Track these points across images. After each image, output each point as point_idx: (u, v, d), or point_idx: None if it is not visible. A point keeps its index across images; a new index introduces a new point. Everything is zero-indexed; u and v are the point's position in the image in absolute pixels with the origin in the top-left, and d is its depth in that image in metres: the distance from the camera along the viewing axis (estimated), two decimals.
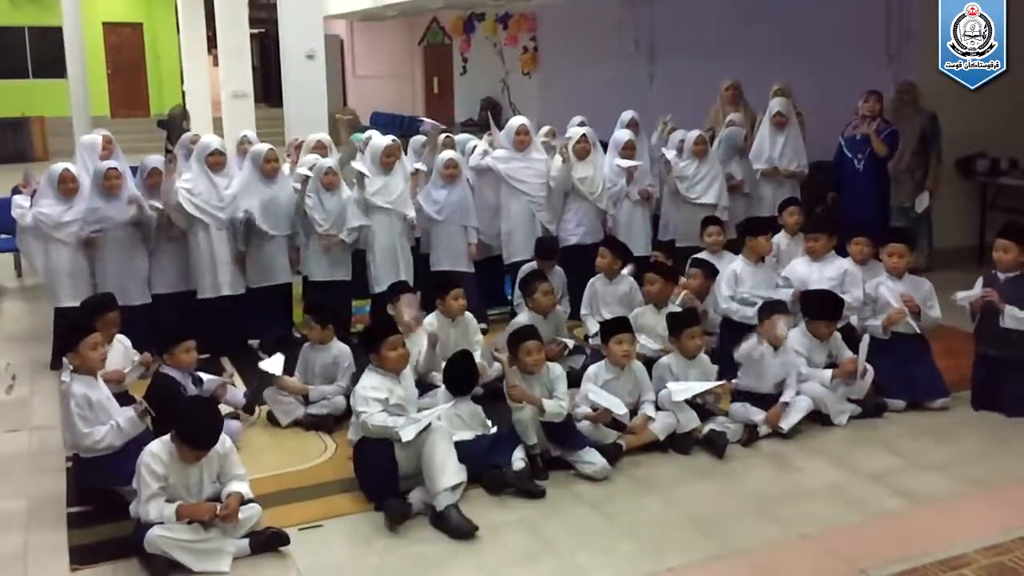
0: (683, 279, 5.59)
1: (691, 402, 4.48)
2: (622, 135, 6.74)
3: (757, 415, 4.55)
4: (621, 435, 4.33)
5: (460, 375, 4.27)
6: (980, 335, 4.79)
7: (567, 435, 4.20)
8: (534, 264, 5.95)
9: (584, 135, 6.54)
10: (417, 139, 7.18)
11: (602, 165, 6.60)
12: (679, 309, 5.18)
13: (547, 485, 4.01)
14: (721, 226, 6.08)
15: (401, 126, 14.18)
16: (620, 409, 4.26)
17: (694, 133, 6.84)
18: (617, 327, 4.54)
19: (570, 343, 5.26)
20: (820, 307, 4.91)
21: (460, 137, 7.34)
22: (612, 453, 4.23)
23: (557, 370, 4.36)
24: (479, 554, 3.53)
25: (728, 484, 4.09)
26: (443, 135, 7.04)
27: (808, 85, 7.91)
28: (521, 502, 3.89)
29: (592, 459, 4.12)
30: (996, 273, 4.71)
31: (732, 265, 5.56)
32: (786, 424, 4.52)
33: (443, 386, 4.34)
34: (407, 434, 3.78)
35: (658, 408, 4.50)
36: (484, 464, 3.99)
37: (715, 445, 4.36)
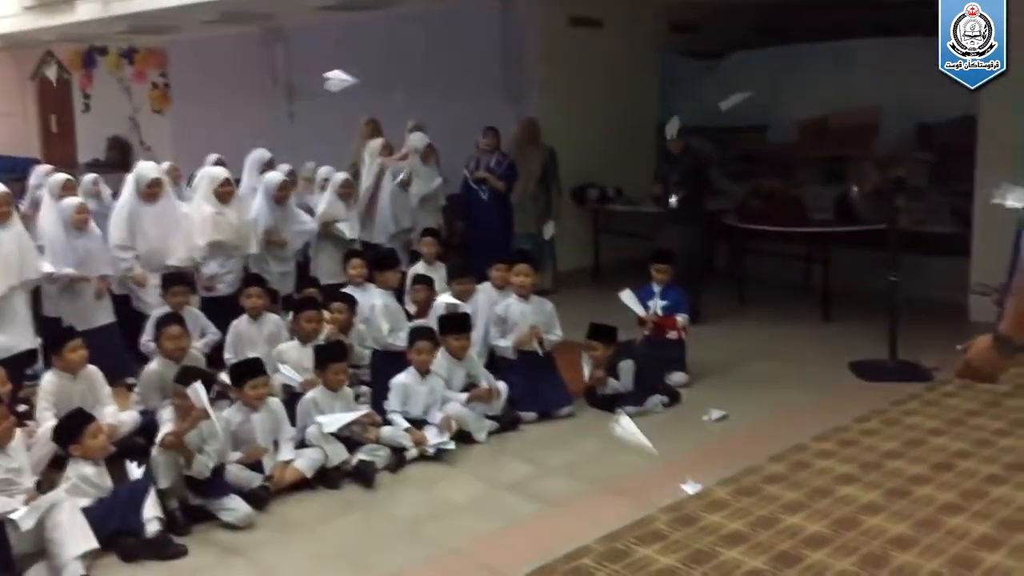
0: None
1: (339, 435, 4.52)
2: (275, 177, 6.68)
3: (405, 438, 4.68)
4: (266, 478, 4.25)
5: (67, 436, 3.92)
6: None
7: (208, 483, 4.03)
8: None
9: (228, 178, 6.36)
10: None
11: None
12: (324, 343, 5.21)
13: (189, 540, 3.81)
14: (364, 260, 6.23)
15: (15, 171, 12.80)
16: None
17: (340, 177, 6.92)
18: (250, 370, 4.46)
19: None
20: (448, 322, 5.21)
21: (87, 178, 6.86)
22: (261, 496, 4.14)
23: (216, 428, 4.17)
24: None
25: (378, 512, 4.14)
26: (63, 179, 6.47)
27: (439, 123, 8.36)
28: (162, 565, 3.66)
29: (234, 506, 3.98)
30: None
31: (375, 300, 5.73)
32: (431, 445, 4.70)
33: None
34: (26, 523, 3.46)
35: (305, 445, 4.48)
36: (113, 527, 3.69)
37: (364, 475, 4.41)
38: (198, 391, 4.03)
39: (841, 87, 8.10)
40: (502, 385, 5.19)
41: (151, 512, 3.75)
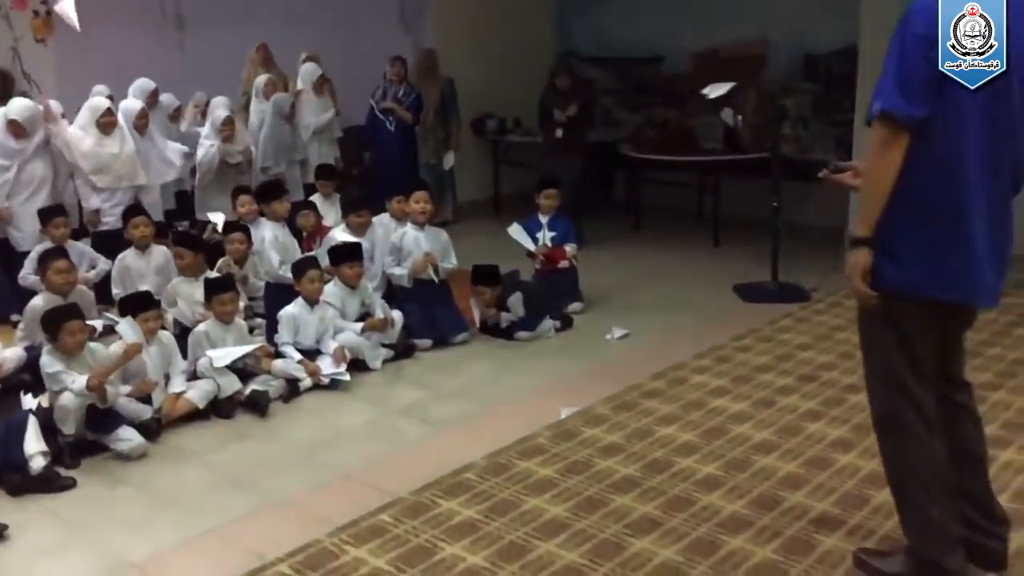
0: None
1: (232, 367, 4.55)
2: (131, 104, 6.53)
3: (298, 370, 4.73)
4: (156, 411, 4.26)
5: None
6: None
7: (102, 415, 4.03)
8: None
9: (110, 108, 6.18)
10: None
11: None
12: (217, 275, 5.19)
13: (79, 473, 3.83)
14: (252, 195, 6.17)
15: None
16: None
17: (221, 114, 6.76)
18: (141, 304, 4.43)
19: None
20: (340, 252, 5.24)
21: None
22: (152, 428, 4.16)
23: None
24: (3, 552, 3.29)
25: (272, 440, 4.21)
26: None
27: (334, 53, 8.22)
28: (49, 496, 3.67)
29: (128, 436, 4.00)
30: None
31: (265, 232, 5.74)
32: (325, 375, 4.76)
33: None
34: None
35: (197, 376, 4.50)
36: None
37: (257, 404, 4.46)
38: (135, 326, 4.11)
39: (731, 18, 8.26)
40: (397, 314, 5.27)
41: (34, 447, 3.71)
